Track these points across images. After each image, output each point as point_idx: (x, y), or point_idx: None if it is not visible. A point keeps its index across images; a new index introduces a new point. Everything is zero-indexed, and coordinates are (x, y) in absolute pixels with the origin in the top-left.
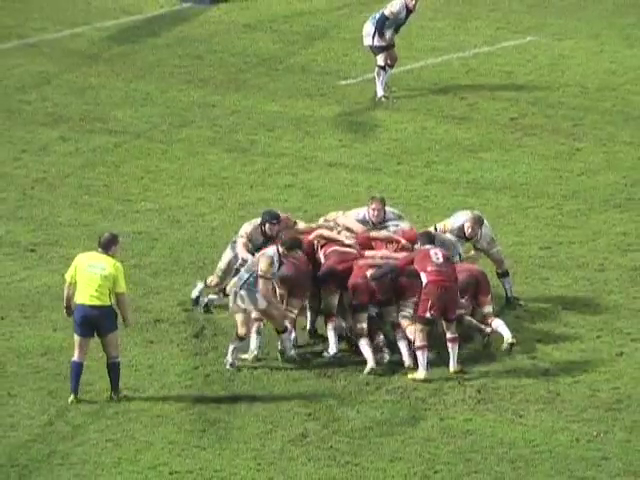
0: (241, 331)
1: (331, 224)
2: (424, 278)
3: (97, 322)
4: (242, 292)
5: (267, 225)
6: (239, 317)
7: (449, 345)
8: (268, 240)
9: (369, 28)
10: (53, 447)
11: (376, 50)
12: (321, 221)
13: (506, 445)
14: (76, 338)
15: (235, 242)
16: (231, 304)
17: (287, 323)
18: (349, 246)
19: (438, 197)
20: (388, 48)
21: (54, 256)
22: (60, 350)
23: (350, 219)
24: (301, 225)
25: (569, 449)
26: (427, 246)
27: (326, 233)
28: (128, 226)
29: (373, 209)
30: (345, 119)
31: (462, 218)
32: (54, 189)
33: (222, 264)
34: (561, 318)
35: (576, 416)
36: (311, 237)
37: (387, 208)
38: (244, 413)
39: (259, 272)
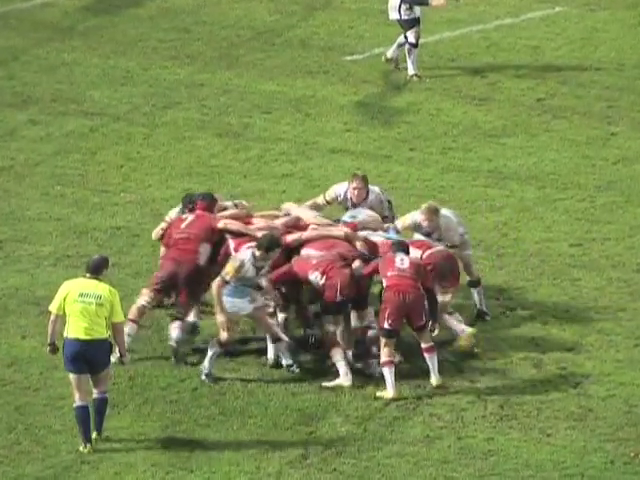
0: (223, 337)
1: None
2: (384, 283)
3: (92, 358)
4: (225, 297)
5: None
6: (222, 322)
7: (425, 356)
8: None
9: (394, 1)
10: (21, 470)
11: (405, 24)
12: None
13: (532, 468)
14: (72, 377)
15: None
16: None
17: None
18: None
19: (455, 188)
20: (417, 22)
21: (22, 254)
22: (29, 361)
23: (302, 208)
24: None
25: (603, 472)
26: (396, 253)
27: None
28: (106, 220)
29: (354, 188)
30: (351, 100)
31: (417, 213)
32: (22, 179)
33: None
34: (594, 324)
35: (611, 435)
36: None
37: (375, 188)
38: (237, 431)
39: (222, 273)
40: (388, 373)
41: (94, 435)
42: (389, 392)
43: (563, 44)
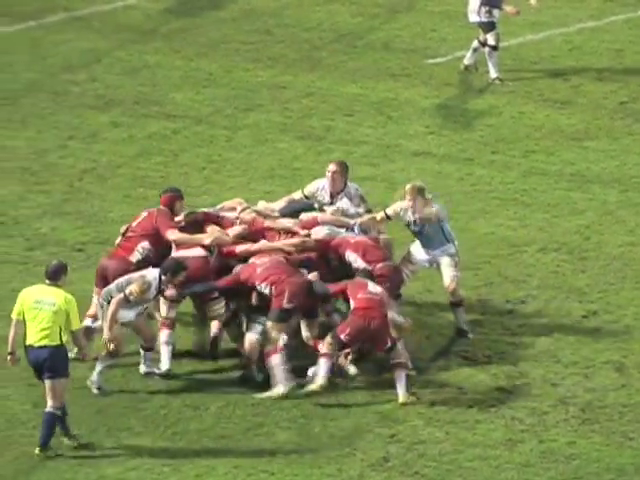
0: (111, 349)
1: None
2: (352, 304)
3: (45, 364)
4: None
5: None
6: (110, 337)
7: (394, 373)
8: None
9: (474, 3)
10: (102, 471)
11: (485, 27)
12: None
13: (614, 472)
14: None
15: None
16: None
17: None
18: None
19: (537, 191)
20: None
21: (104, 256)
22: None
23: (266, 204)
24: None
25: None
26: (366, 279)
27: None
28: None
29: (333, 172)
30: (433, 103)
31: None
32: (104, 181)
33: None
34: None
35: None
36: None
37: (352, 184)
38: (318, 434)
39: (126, 291)
40: (324, 364)
41: (37, 451)
42: (317, 384)
43: None
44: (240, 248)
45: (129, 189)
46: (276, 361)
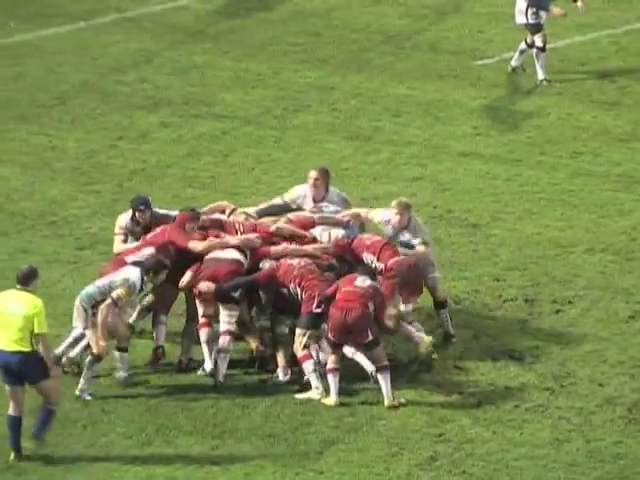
0: (97, 351)
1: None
2: (335, 298)
3: (20, 371)
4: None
5: (137, 213)
6: (100, 345)
7: (378, 376)
8: (146, 229)
9: (521, 4)
10: (152, 470)
11: (531, 28)
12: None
13: None
14: (6, 388)
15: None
16: (83, 325)
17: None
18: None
19: (585, 192)
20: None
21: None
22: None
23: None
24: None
25: None
26: (362, 275)
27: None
28: None
29: (314, 179)
30: (480, 104)
31: (387, 210)
32: (154, 181)
33: None
34: None
35: None
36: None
37: (333, 189)
38: (366, 433)
39: (114, 296)
40: (332, 380)
41: (24, 444)
42: (332, 399)
43: None
44: (275, 249)
45: (178, 189)
46: (310, 367)
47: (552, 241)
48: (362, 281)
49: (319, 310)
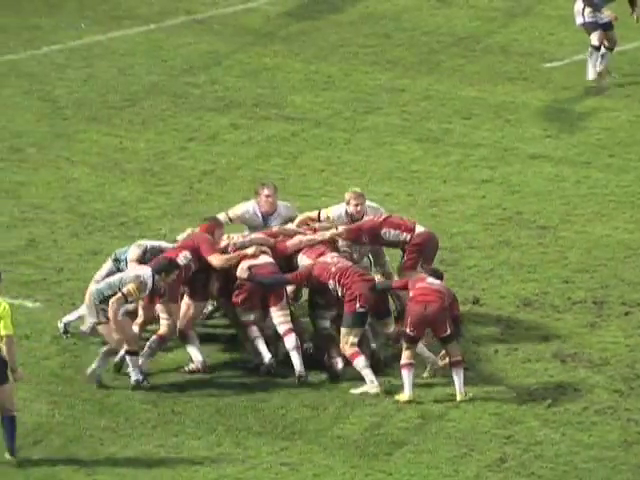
0: (113, 344)
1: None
2: (410, 294)
3: None
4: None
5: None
6: (119, 339)
7: (452, 370)
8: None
9: (578, 5)
10: (222, 471)
11: (588, 27)
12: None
13: None
14: None
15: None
16: (94, 320)
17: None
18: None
19: None
20: (605, 27)
21: None
22: (229, 363)
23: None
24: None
25: None
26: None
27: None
28: None
29: (267, 196)
30: (550, 106)
31: (340, 205)
32: (224, 182)
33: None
34: None
35: None
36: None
37: (281, 203)
38: (435, 435)
39: (124, 291)
40: (406, 376)
41: (7, 456)
42: (405, 394)
43: None
44: (290, 243)
45: (248, 191)
46: (361, 363)
47: (621, 243)
48: (432, 280)
49: (363, 310)
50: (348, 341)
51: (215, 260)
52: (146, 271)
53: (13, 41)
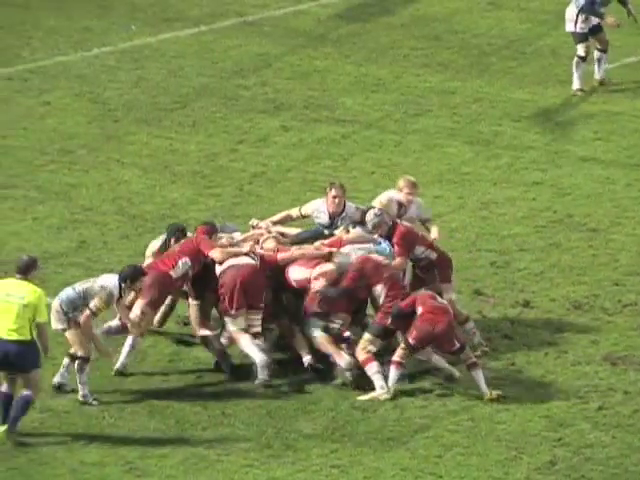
0: (82, 352)
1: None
2: (419, 311)
3: (15, 359)
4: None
5: (172, 240)
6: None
7: (471, 373)
8: None
9: (571, 11)
10: (272, 473)
11: (577, 37)
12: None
13: None
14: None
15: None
16: (63, 327)
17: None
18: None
19: None
20: (594, 30)
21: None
22: (283, 366)
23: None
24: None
25: None
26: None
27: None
28: None
29: (334, 197)
30: (601, 108)
31: (390, 191)
32: (274, 185)
33: None
34: None
35: None
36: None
37: (350, 204)
38: (485, 437)
39: (92, 307)
40: (394, 373)
41: (2, 428)
42: (385, 393)
43: None
44: (281, 256)
45: (298, 193)
46: (374, 369)
47: None
48: (440, 299)
49: (393, 327)
50: (366, 348)
51: (216, 253)
52: (112, 281)
53: (64, 43)
